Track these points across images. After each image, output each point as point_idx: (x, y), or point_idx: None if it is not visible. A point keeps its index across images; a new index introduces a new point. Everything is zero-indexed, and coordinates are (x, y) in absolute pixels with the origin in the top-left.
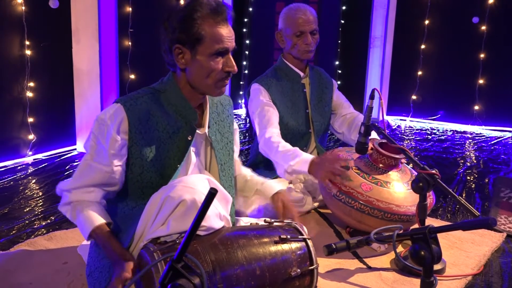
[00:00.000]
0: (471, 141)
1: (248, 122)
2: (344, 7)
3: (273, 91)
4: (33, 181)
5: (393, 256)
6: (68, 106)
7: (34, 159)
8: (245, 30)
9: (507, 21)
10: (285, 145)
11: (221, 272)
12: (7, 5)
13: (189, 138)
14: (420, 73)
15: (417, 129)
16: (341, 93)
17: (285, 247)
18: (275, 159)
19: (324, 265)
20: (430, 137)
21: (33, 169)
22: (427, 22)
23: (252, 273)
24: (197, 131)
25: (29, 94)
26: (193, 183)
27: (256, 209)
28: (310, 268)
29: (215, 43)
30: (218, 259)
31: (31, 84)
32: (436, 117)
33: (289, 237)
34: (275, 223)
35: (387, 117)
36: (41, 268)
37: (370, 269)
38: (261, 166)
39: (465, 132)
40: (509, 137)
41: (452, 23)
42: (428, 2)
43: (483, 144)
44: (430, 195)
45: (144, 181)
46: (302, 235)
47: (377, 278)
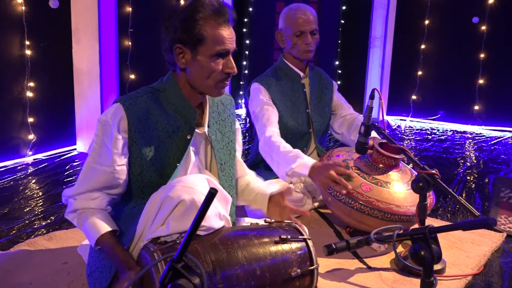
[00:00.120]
0: (471, 141)
1: (248, 122)
2: (344, 7)
3: (273, 90)
4: (33, 181)
5: (393, 256)
6: (68, 106)
7: (34, 159)
8: (245, 30)
9: (507, 21)
10: (286, 146)
11: (221, 272)
12: (7, 5)
13: (188, 137)
14: (420, 73)
15: (417, 129)
16: (341, 95)
17: (285, 247)
18: (276, 159)
19: (324, 265)
20: (430, 137)
21: (33, 169)
22: (427, 22)
23: (252, 273)
24: (197, 130)
25: (29, 94)
26: (192, 183)
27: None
28: (310, 268)
29: (216, 44)
30: (218, 259)
31: (31, 84)
32: (436, 117)
33: (289, 237)
34: (275, 223)
35: (387, 117)
36: (41, 268)
37: (370, 269)
38: (261, 166)
39: (465, 132)
40: (509, 137)
41: (452, 23)
42: (428, 2)
43: (483, 144)
44: (430, 195)
45: (143, 180)
46: (302, 235)
47: (377, 278)
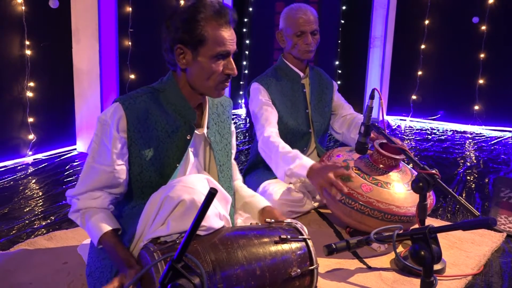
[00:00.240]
0: (471, 141)
1: (248, 122)
2: (344, 7)
3: (273, 90)
4: (33, 181)
5: (393, 256)
6: (68, 106)
7: (34, 159)
8: (245, 30)
9: (507, 21)
10: (284, 146)
11: (221, 272)
12: (7, 5)
13: (188, 137)
14: (420, 73)
15: (417, 129)
16: (341, 95)
17: (285, 247)
18: (275, 159)
19: (324, 265)
20: (430, 137)
21: (33, 169)
22: (427, 22)
23: (252, 273)
24: (196, 132)
25: (29, 94)
26: (192, 183)
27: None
28: (310, 268)
29: (217, 45)
30: (218, 259)
31: (31, 84)
32: (436, 117)
33: (289, 237)
34: (275, 223)
35: (387, 117)
36: (41, 268)
37: (370, 269)
38: (261, 166)
39: (465, 132)
40: (509, 137)
41: (452, 23)
42: (428, 2)
43: (483, 144)
44: (430, 195)
45: (143, 180)
46: (302, 235)
47: (377, 278)
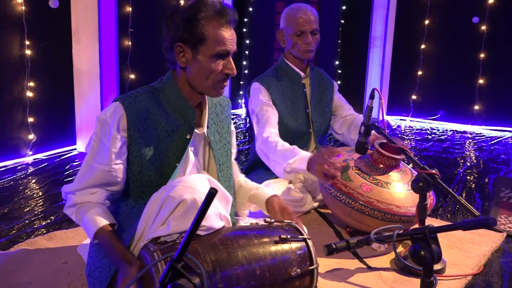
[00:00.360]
0: (471, 141)
1: (248, 122)
2: (344, 7)
3: (273, 90)
4: (33, 181)
5: (393, 256)
6: (68, 106)
7: (34, 159)
8: (245, 30)
9: (507, 21)
10: (283, 144)
11: (221, 272)
12: (7, 5)
13: (188, 136)
14: (420, 73)
15: (417, 129)
16: (341, 95)
17: (285, 247)
18: (273, 158)
19: (324, 265)
20: (430, 137)
21: (33, 169)
22: (427, 22)
23: (252, 273)
24: (196, 131)
25: (29, 94)
26: (193, 183)
27: (247, 213)
28: (310, 268)
29: (217, 45)
30: (218, 259)
31: (31, 84)
32: (436, 117)
33: (289, 237)
34: (275, 223)
35: (387, 117)
36: (41, 268)
37: (370, 269)
38: (261, 166)
39: (465, 132)
40: (509, 137)
41: (452, 23)
42: (428, 2)
43: (483, 144)
44: (430, 195)
45: (143, 179)
46: (302, 235)
47: (377, 278)
